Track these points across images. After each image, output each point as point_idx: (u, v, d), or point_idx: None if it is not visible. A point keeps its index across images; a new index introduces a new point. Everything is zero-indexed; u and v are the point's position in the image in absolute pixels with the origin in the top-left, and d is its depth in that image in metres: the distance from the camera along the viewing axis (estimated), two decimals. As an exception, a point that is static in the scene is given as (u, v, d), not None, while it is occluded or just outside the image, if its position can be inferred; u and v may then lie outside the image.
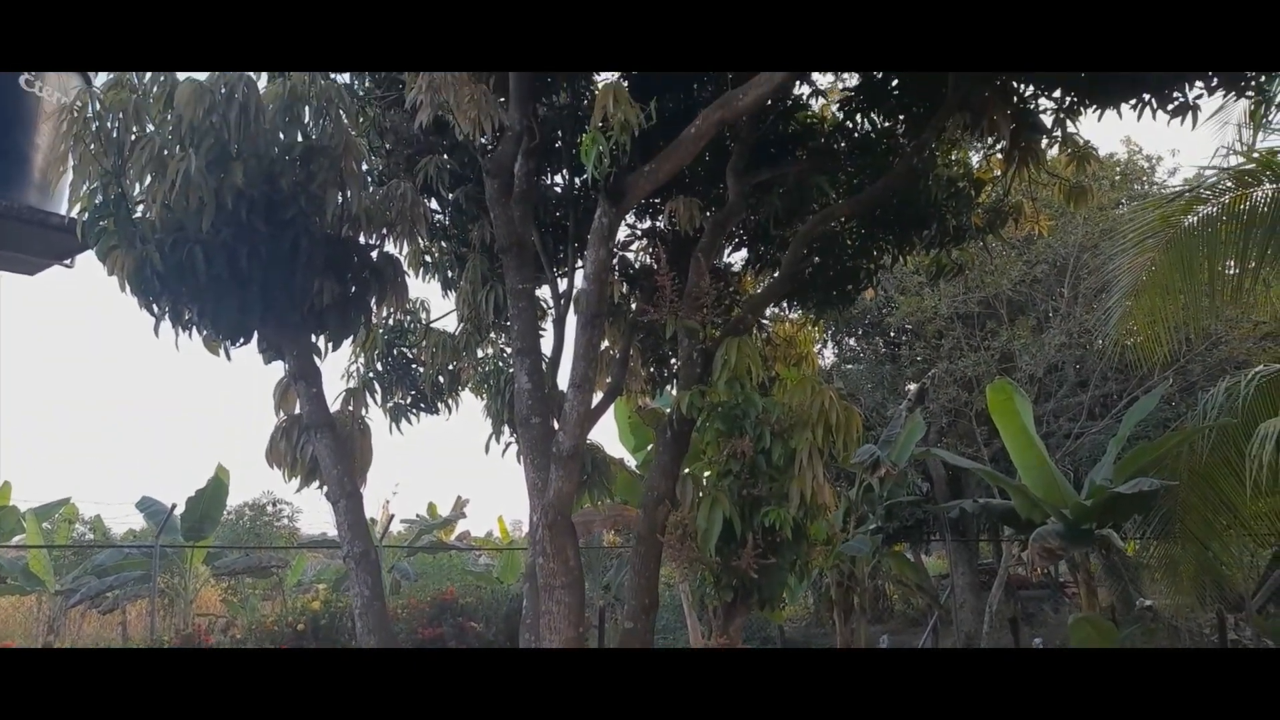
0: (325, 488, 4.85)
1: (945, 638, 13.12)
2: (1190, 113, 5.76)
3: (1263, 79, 5.56)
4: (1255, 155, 6.35)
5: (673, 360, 7.70)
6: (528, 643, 4.93)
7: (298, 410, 5.06)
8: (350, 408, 5.52)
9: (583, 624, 4.23)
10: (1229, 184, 6.54)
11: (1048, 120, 6.47)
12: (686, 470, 5.18)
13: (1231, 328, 12.99)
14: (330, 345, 5.32)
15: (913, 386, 16.42)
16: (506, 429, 6.53)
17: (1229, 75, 5.49)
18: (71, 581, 16.12)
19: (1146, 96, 5.65)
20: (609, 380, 6.41)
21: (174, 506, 11.77)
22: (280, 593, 19.39)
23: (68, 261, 7.73)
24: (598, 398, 5.61)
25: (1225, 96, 5.91)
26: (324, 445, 4.84)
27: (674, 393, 7.50)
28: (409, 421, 7.19)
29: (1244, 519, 9.17)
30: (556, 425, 5.01)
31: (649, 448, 11.80)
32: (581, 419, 4.48)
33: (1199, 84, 5.61)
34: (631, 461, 12.24)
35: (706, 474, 5.09)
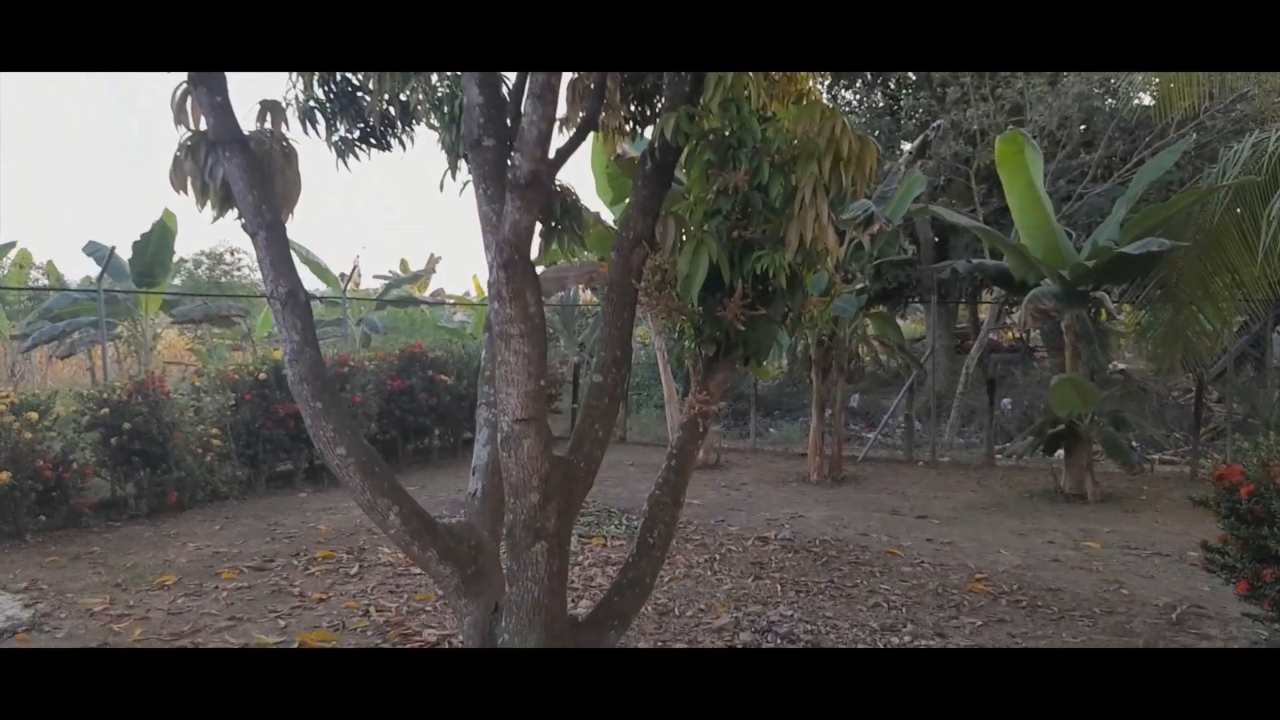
0: (241, 218, 4.12)
1: (919, 397, 13.15)
2: None
3: None
4: None
5: (656, 99, 6.75)
6: (485, 394, 4.45)
7: (204, 125, 4.20)
8: (268, 125, 4.62)
9: (544, 376, 3.69)
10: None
11: None
12: (668, 210, 4.48)
13: (1260, 82, 11.95)
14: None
15: (907, 145, 15.46)
16: (463, 163, 5.71)
17: None
18: (25, 326, 15.63)
19: None
20: (582, 115, 5.51)
21: (113, 249, 10.96)
22: (251, 343, 19.10)
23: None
24: (569, 131, 4.76)
25: None
26: (234, 166, 4.02)
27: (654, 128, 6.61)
28: (356, 157, 6.35)
29: (1243, 282, 8.81)
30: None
31: (628, 200, 10.99)
32: (542, 138, 3.66)
33: None
34: (609, 216, 11.43)
35: (690, 214, 4.39)
